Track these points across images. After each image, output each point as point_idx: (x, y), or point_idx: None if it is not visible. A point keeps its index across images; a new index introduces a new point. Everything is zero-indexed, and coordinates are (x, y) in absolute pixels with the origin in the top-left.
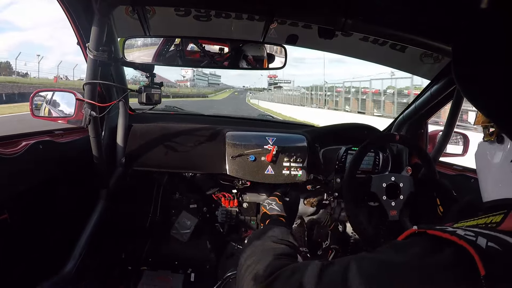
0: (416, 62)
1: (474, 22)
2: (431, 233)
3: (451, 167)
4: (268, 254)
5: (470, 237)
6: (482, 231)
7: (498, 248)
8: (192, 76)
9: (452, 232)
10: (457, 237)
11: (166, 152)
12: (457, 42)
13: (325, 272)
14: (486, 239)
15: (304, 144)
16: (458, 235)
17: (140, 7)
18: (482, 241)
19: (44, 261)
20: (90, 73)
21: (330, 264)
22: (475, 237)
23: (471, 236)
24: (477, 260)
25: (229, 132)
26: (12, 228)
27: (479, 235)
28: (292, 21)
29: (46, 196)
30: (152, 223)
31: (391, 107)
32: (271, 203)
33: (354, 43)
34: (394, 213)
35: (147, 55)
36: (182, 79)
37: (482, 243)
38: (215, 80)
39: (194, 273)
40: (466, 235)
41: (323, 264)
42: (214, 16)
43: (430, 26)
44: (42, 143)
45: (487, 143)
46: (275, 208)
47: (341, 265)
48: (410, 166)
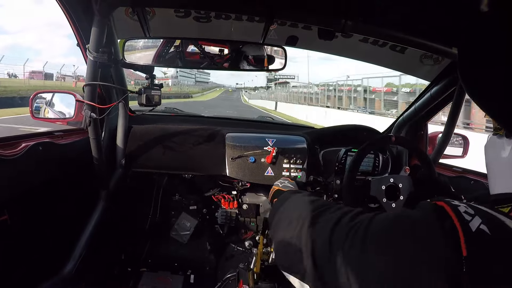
0: (416, 63)
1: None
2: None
3: (451, 169)
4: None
5: (467, 215)
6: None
7: (488, 232)
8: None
9: (454, 207)
10: (454, 214)
11: (166, 153)
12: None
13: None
14: (481, 219)
15: (304, 145)
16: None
17: (140, 8)
18: (476, 222)
19: (44, 262)
20: (90, 75)
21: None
22: (472, 216)
23: (468, 215)
24: (462, 241)
25: (229, 134)
26: (12, 229)
27: (477, 215)
28: (292, 23)
29: (46, 197)
30: (152, 225)
31: None
32: (284, 181)
33: (354, 45)
34: None
35: (147, 57)
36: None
37: (475, 225)
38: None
39: (194, 275)
40: (466, 212)
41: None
42: (214, 17)
43: (430, 27)
44: (42, 145)
45: (496, 136)
46: (289, 185)
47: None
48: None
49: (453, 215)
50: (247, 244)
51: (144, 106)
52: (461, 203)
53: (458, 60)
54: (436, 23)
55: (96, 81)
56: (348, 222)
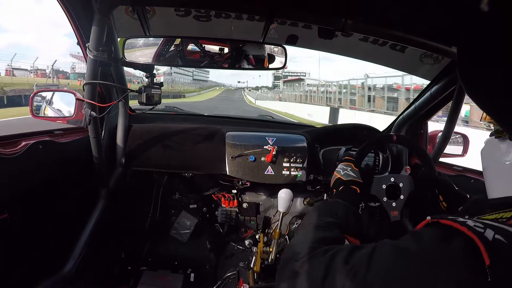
0: (416, 62)
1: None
2: (443, 223)
3: (451, 168)
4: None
5: (479, 228)
6: (491, 223)
7: (504, 241)
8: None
9: (462, 223)
10: (466, 228)
11: (166, 152)
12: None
13: (353, 254)
14: (493, 231)
15: (304, 144)
16: (467, 226)
17: (140, 7)
18: (490, 233)
19: (44, 260)
20: (90, 73)
21: (359, 247)
22: (484, 229)
23: (480, 228)
24: (482, 251)
25: (229, 133)
26: (12, 227)
27: (487, 227)
28: (292, 22)
29: (46, 196)
30: (152, 223)
31: None
32: (346, 168)
33: (354, 44)
34: (396, 213)
35: (147, 55)
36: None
37: (489, 235)
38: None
39: (194, 273)
40: (476, 226)
41: (354, 247)
42: (214, 16)
43: (430, 26)
44: (42, 143)
45: (496, 140)
46: (351, 174)
47: (368, 249)
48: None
49: (465, 229)
50: (247, 243)
51: (144, 105)
52: (466, 219)
53: (458, 59)
54: (436, 22)
55: (96, 80)
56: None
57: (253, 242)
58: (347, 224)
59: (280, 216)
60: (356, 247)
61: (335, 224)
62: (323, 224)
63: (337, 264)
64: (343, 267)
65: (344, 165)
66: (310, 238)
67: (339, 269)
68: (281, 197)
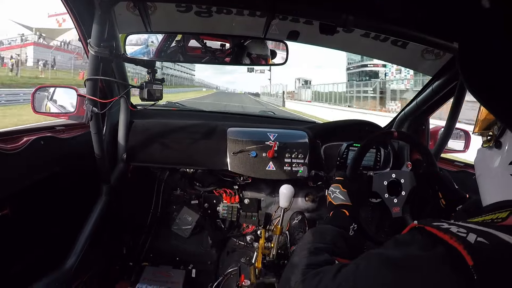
0: (418, 58)
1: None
2: (428, 230)
3: (453, 164)
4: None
5: (461, 234)
6: (476, 227)
7: (486, 242)
8: None
9: (445, 230)
10: (448, 236)
11: (168, 148)
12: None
13: (340, 271)
14: (476, 234)
15: (306, 140)
16: (450, 233)
17: (141, 3)
18: (472, 237)
19: (45, 256)
20: (92, 69)
21: (346, 264)
22: (466, 233)
23: (462, 233)
24: (464, 254)
25: (231, 128)
26: (13, 223)
27: (470, 232)
28: (293, 17)
29: (48, 191)
30: (154, 219)
31: None
32: (335, 191)
33: (356, 39)
34: (397, 209)
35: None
36: None
37: (471, 239)
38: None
39: (195, 269)
40: (459, 232)
41: (341, 265)
42: (215, 12)
43: (432, 22)
44: (44, 139)
45: (486, 149)
46: (339, 197)
47: (354, 264)
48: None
49: (447, 237)
50: (249, 239)
51: (146, 100)
52: (450, 225)
53: (458, 54)
54: (438, 17)
55: (98, 76)
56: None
57: (254, 238)
58: (336, 248)
59: (281, 212)
60: (343, 265)
61: (324, 249)
62: (313, 250)
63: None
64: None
65: (333, 187)
66: (302, 263)
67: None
68: (282, 192)
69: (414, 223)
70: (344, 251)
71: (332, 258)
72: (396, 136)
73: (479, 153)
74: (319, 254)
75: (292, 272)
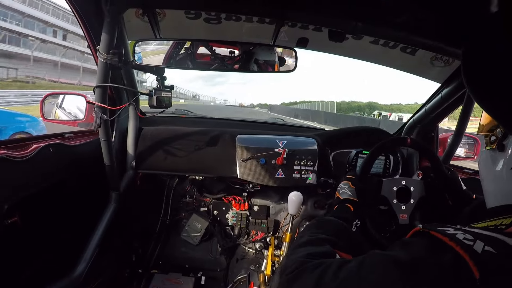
0: (427, 65)
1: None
2: (434, 234)
3: (462, 171)
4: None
5: (468, 241)
6: (483, 233)
7: (493, 251)
8: None
9: (451, 236)
10: (455, 243)
11: (177, 155)
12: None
13: (343, 268)
14: (483, 242)
15: (315, 147)
16: (456, 240)
17: (150, 10)
18: (479, 245)
19: (54, 263)
20: (101, 76)
21: (348, 261)
22: (473, 241)
23: (469, 241)
24: (471, 265)
25: (240, 135)
26: (22, 230)
27: (477, 239)
28: (302, 24)
29: (57, 199)
30: (163, 226)
31: None
32: (344, 187)
33: (365, 46)
34: (404, 217)
35: (157, 58)
36: None
37: (479, 248)
38: None
39: (205, 276)
40: (465, 239)
41: (344, 261)
42: (225, 19)
43: (441, 29)
44: (52, 146)
45: (489, 151)
46: (347, 192)
47: (357, 261)
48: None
49: (453, 244)
50: (258, 246)
51: (155, 107)
52: (456, 230)
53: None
54: (447, 24)
55: (107, 83)
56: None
57: (263, 245)
58: (338, 240)
59: (290, 219)
60: (345, 261)
61: (326, 240)
62: (314, 240)
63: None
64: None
65: (343, 184)
66: (301, 252)
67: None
68: (291, 199)
69: (419, 227)
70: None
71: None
72: (409, 143)
73: (482, 155)
74: (320, 244)
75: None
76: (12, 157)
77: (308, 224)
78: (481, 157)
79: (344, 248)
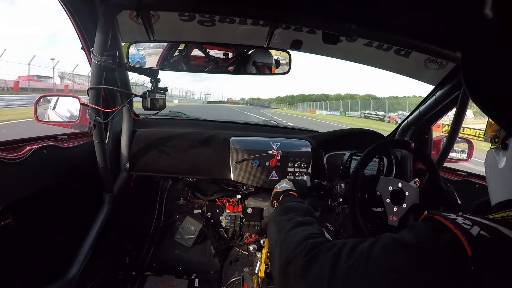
0: (421, 67)
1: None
2: (436, 218)
3: (455, 173)
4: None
5: (466, 225)
6: (480, 221)
7: (487, 236)
8: None
9: (452, 220)
10: (454, 225)
11: (170, 157)
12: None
13: (357, 247)
14: (479, 228)
15: (308, 149)
16: (456, 223)
17: (144, 12)
18: (475, 229)
19: (48, 265)
20: (95, 78)
21: (363, 241)
22: (471, 226)
23: (467, 225)
24: (465, 244)
25: (233, 138)
26: (15, 232)
27: (475, 225)
28: (296, 26)
29: (50, 200)
30: (156, 228)
31: None
32: (282, 183)
33: (358, 49)
34: (394, 219)
35: (151, 60)
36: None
37: (474, 231)
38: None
39: (198, 279)
40: (464, 223)
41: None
42: (219, 21)
43: (435, 31)
44: (46, 148)
45: (493, 150)
46: (286, 186)
47: (369, 242)
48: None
49: (452, 226)
50: (252, 248)
51: (149, 109)
52: (458, 216)
53: (462, 64)
54: (441, 27)
55: (101, 85)
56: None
57: (257, 247)
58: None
59: None
60: (360, 241)
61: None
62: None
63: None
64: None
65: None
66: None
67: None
68: None
69: (425, 213)
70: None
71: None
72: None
73: (488, 154)
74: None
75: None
76: (6, 159)
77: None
78: (486, 156)
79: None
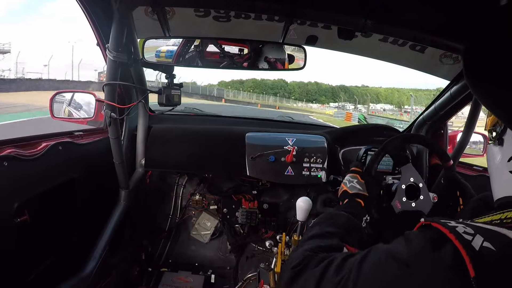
0: (436, 62)
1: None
2: (435, 226)
3: (471, 168)
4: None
5: (467, 235)
6: (484, 227)
7: (492, 248)
8: None
9: (452, 229)
10: (454, 236)
11: (186, 153)
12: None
13: (347, 261)
14: (483, 238)
15: (324, 145)
16: (456, 234)
17: (159, 7)
18: (478, 240)
19: (64, 261)
20: (110, 74)
21: (353, 254)
22: (473, 235)
23: (469, 235)
24: (467, 262)
25: (249, 133)
26: (32, 228)
27: (478, 234)
28: (311, 22)
29: (66, 197)
30: (172, 224)
31: None
32: (352, 180)
33: (374, 44)
34: None
35: None
36: None
37: (477, 243)
38: None
39: (214, 274)
40: (465, 233)
41: (348, 254)
42: (234, 17)
43: (450, 26)
44: (62, 144)
45: (491, 146)
46: (357, 187)
47: (360, 255)
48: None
49: (453, 237)
50: (268, 244)
51: (164, 105)
52: (458, 223)
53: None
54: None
55: (116, 81)
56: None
57: (273, 243)
58: (347, 235)
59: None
60: (349, 255)
61: (334, 233)
62: (323, 233)
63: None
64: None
65: (350, 177)
66: (309, 245)
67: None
68: (299, 205)
69: (422, 220)
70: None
71: (341, 244)
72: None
73: (488, 149)
74: (328, 237)
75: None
76: (22, 155)
77: (318, 218)
78: (487, 151)
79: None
